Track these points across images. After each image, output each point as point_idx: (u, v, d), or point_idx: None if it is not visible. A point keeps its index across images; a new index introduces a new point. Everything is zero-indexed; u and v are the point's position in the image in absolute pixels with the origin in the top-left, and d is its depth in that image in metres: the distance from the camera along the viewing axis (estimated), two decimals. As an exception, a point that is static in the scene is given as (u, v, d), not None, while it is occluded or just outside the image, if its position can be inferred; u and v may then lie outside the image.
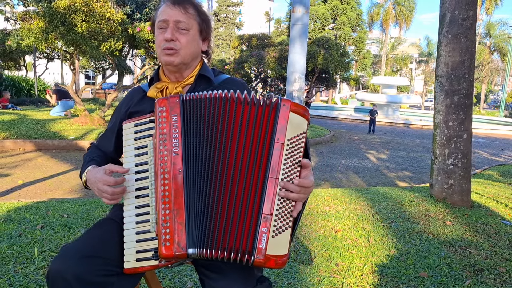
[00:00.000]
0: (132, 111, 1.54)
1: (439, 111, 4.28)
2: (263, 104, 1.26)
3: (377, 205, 4.10)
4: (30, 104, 14.11)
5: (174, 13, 1.41)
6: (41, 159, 7.45)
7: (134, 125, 1.43)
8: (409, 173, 8.45)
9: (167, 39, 1.40)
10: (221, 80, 1.55)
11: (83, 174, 1.45)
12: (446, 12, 4.19)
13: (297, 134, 1.26)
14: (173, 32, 1.41)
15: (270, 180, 1.22)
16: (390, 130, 18.27)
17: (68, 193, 5.42)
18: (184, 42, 1.43)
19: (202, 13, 1.48)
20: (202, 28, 1.49)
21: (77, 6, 8.81)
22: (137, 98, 1.57)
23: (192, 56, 1.48)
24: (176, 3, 1.43)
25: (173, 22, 1.41)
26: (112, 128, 1.61)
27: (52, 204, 4.01)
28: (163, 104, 1.32)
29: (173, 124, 1.30)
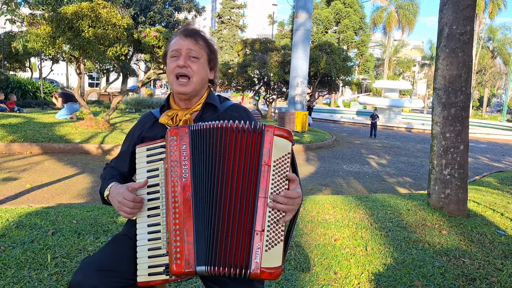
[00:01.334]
0: (145, 135, 1.69)
1: (436, 122, 4.40)
2: (251, 131, 1.41)
3: (376, 213, 4.22)
4: (36, 107, 14.29)
5: (186, 43, 1.58)
6: (47, 162, 7.61)
7: (146, 149, 1.57)
8: (409, 179, 8.55)
9: (180, 65, 1.56)
10: (226, 107, 1.70)
11: (105, 189, 1.58)
12: (444, 26, 4.32)
13: (282, 155, 1.41)
14: (185, 59, 1.57)
15: (260, 199, 1.37)
16: (392, 134, 18.37)
17: (75, 197, 5.56)
18: (195, 69, 1.59)
19: (210, 45, 1.65)
20: (211, 58, 1.66)
21: (84, 12, 8.98)
22: (149, 124, 1.72)
23: (202, 83, 1.64)
24: (188, 35, 1.60)
25: (185, 51, 1.57)
26: (126, 151, 1.76)
27: (61, 209, 4.15)
28: (174, 133, 1.46)
29: (183, 152, 1.44)
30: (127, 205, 1.46)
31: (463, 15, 4.18)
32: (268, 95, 19.38)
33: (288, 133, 1.42)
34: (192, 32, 1.61)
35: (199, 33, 1.63)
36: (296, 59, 13.71)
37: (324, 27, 33.32)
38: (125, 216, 1.50)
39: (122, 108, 14.41)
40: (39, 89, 15.05)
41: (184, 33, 1.60)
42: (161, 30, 9.98)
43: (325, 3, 34.06)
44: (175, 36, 1.63)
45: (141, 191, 1.52)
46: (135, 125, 1.78)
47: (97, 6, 9.22)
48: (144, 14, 18.44)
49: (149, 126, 1.70)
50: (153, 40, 9.67)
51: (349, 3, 33.21)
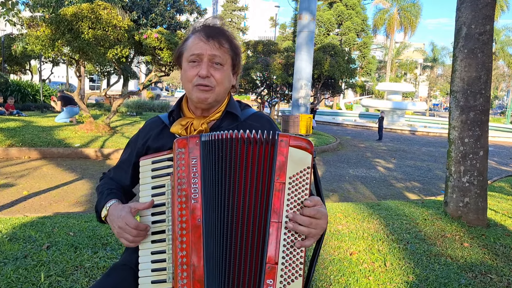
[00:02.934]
0: (150, 145, 1.46)
1: (454, 127, 4.17)
2: (263, 141, 1.19)
3: (391, 223, 3.99)
4: (35, 110, 14.08)
5: (209, 47, 1.33)
6: (46, 168, 7.39)
7: (151, 162, 1.35)
8: (417, 184, 8.33)
9: (202, 76, 1.32)
10: (247, 116, 1.47)
11: (103, 208, 1.35)
12: (462, 26, 4.09)
13: (300, 170, 1.17)
14: (208, 68, 1.33)
15: (272, 224, 1.13)
16: (396, 137, 18.13)
17: (73, 205, 5.34)
18: (219, 78, 1.34)
19: (235, 47, 1.40)
20: (235, 62, 1.41)
21: (84, 13, 8.77)
22: (156, 131, 1.48)
23: (225, 92, 1.41)
24: (211, 37, 1.33)
25: (208, 57, 1.33)
26: (128, 160, 1.52)
27: (58, 220, 3.92)
28: (182, 145, 1.23)
29: (193, 168, 1.21)
30: (129, 232, 1.23)
31: (482, 13, 3.96)
32: (270, 98, 19.16)
33: (307, 143, 1.18)
34: (216, 32, 1.35)
35: (224, 33, 1.37)
36: (299, 61, 13.49)
37: (326, 29, 33.13)
38: (126, 245, 1.27)
39: (123, 111, 14.20)
40: (38, 92, 14.84)
41: (207, 33, 1.34)
42: (162, 32, 9.77)
43: (327, 5, 33.89)
44: (194, 34, 1.36)
45: (145, 212, 1.30)
46: (139, 132, 1.54)
47: (97, 7, 9.01)
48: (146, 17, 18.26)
49: (156, 134, 1.47)
50: (155, 42, 9.45)
51: (351, 5, 33.03)
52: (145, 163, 1.37)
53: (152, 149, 1.44)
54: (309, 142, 1.19)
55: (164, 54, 9.52)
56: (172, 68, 10.65)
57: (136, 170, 1.40)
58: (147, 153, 1.44)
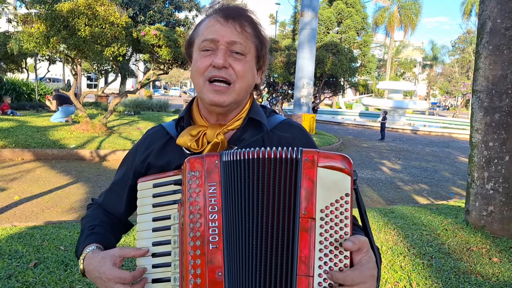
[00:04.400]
0: (152, 163, 1.13)
1: (477, 129, 3.87)
2: (283, 161, 0.88)
3: (410, 234, 3.69)
4: (30, 109, 13.72)
5: (228, 31, 1.02)
6: (39, 170, 7.06)
7: (153, 185, 1.03)
8: (425, 186, 8.06)
9: (217, 65, 1.00)
10: (274, 124, 1.15)
11: (80, 257, 1.03)
12: (486, 20, 3.79)
13: (336, 200, 0.86)
14: (225, 56, 1.01)
15: (299, 280, 0.82)
16: (398, 136, 17.85)
17: (67, 211, 5.03)
18: (240, 71, 1.02)
19: (261, 34, 1.08)
20: (260, 54, 1.09)
21: (80, 9, 8.44)
22: (159, 145, 1.15)
23: (246, 91, 1.08)
24: (231, 17, 1.03)
25: (225, 43, 1.01)
26: (122, 181, 1.19)
27: (48, 231, 3.61)
28: (196, 166, 0.91)
29: (211, 199, 0.89)
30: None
31: (509, 6, 3.66)
32: (271, 97, 18.83)
33: (343, 160, 0.87)
34: (237, 12, 1.05)
35: (246, 14, 1.06)
36: (301, 60, 13.18)
37: (326, 28, 32.78)
38: None
39: (121, 111, 13.85)
40: (34, 91, 14.49)
41: (225, 13, 1.04)
42: (161, 29, 9.45)
43: (327, 3, 33.51)
44: (209, 17, 1.07)
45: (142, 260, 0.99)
46: (137, 144, 1.21)
47: (94, 4, 8.68)
48: (144, 14, 17.89)
49: (159, 148, 1.14)
50: (153, 39, 9.13)
51: (351, 3, 32.65)
52: (145, 186, 1.05)
53: (155, 168, 1.12)
54: (345, 158, 0.87)
55: (163, 52, 9.20)
56: (171, 66, 10.32)
57: (133, 194, 1.09)
58: (147, 173, 1.13)
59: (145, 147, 1.18)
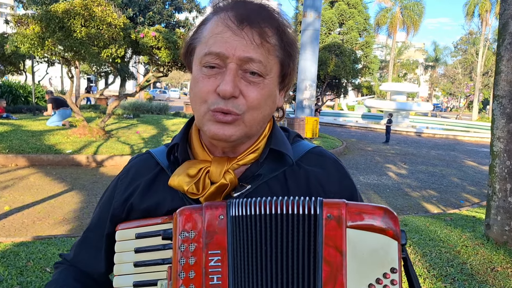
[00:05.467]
0: (136, 204, 0.84)
1: (499, 137, 3.59)
2: (296, 217, 0.66)
3: (428, 252, 3.40)
4: (27, 112, 13.44)
5: (242, 42, 0.72)
6: (33, 177, 6.78)
7: (135, 235, 0.77)
8: (434, 193, 7.79)
9: (223, 94, 0.71)
10: (300, 154, 0.85)
11: None
12: (508, 20, 3.51)
13: (378, 279, 0.60)
14: (235, 80, 0.72)
15: None
16: (402, 139, 17.56)
17: (59, 223, 4.75)
18: (253, 100, 0.74)
19: (289, 44, 0.78)
20: (286, 70, 0.79)
21: (76, 10, 8.17)
22: (146, 179, 0.86)
23: (262, 122, 0.79)
24: (247, 22, 0.72)
25: (237, 61, 0.72)
26: (98, 227, 0.90)
27: (35, 248, 3.33)
28: (191, 223, 0.65)
29: (212, 276, 0.62)
30: None
31: (535, 5, 3.37)
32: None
33: (385, 216, 0.62)
34: (256, 13, 0.74)
35: (270, 14, 0.76)
36: (304, 61, 12.91)
37: (327, 28, 32.53)
38: None
39: (119, 114, 13.58)
40: (31, 94, 14.24)
41: (239, 13, 0.73)
42: (160, 30, 9.18)
43: (328, 4, 33.24)
44: (217, 15, 0.76)
45: None
46: (117, 178, 0.92)
47: (90, 4, 8.41)
48: (143, 15, 17.64)
49: (146, 185, 0.86)
50: (152, 41, 8.85)
51: (353, 4, 32.38)
52: (125, 236, 0.78)
53: (139, 212, 0.84)
54: (387, 212, 0.62)
55: (162, 54, 8.93)
56: (171, 68, 10.05)
57: (112, 244, 0.81)
58: (129, 217, 0.85)
59: (127, 182, 0.88)
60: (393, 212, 0.63)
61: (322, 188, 0.81)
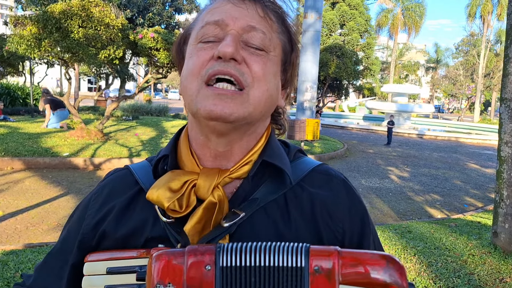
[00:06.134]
0: (109, 230, 0.70)
1: (506, 142, 3.45)
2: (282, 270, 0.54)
3: (434, 261, 3.26)
4: (25, 114, 13.32)
5: (244, 13, 0.63)
6: (29, 181, 6.66)
7: (106, 270, 0.64)
8: (437, 197, 7.66)
9: (223, 55, 0.59)
10: (303, 174, 0.71)
11: None
12: (517, 20, 3.38)
13: None
14: (237, 44, 0.61)
15: None
16: (404, 141, 17.42)
17: (53, 229, 4.62)
18: (259, 70, 0.62)
19: (292, 31, 0.69)
20: (288, 59, 0.69)
21: (74, 10, 8.06)
22: (122, 201, 0.72)
23: (266, 106, 0.65)
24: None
25: (239, 29, 0.63)
26: (62, 253, 0.75)
27: (26, 257, 3.21)
28: (167, 272, 0.52)
29: None
30: None
31: (544, 5, 3.24)
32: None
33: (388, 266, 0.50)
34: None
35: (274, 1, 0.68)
36: (305, 62, 12.78)
37: (328, 30, 32.42)
38: None
39: (118, 116, 13.45)
40: (29, 95, 14.13)
41: None
42: (159, 31, 9.06)
43: (329, 5, 33.14)
44: (215, 1, 0.68)
45: None
46: (89, 197, 0.77)
47: (88, 4, 8.30)
48: (143, 16, 17.54)
49: (122, 207, 0.71)
50: (151, 42, 8.74)
51: (354, 5, 32.26)
52: (94, 270, 0.66)
53: (112, 240, 0.69)
54: (391, 262, 0.50)
55: (161, 55, 8.81)
56: (170, 70, 9.94)
57: (78, 276, 0.68)
58: (100, 245, 0.71)
59: (100, 203, 0.73)
60: (398, 261, 0.50)
61: (329, 214, 0.68)
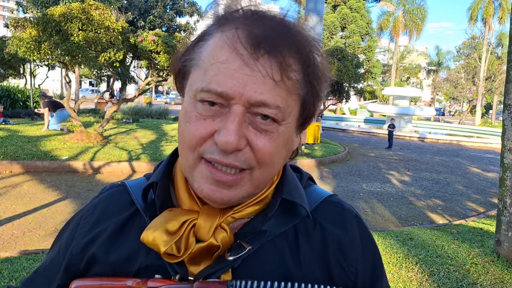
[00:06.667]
0: (99, 255, 0.64)
1: (510, 149, 3.40)
2: None
3: (436, 271, 3.20)
4: (25, 117, 13.30)
5: (253, 79, 0.52)
6: (27, 185, 6.61)
7: None
8: (439, 201, 7.59)
9: (224, 148, 0.52)
10: (315, 204, 0.66)
11: None
12: (520, 25, 3.33)
13: None
14: (240, 128, 0.53)
15: None
16: (405, 144, 17.35)
17: (50, 234, 4.57)
18: (264, 153, 0.55)
19: (315, 75, 0.57)
20: (308, 111, 0.60)
21: (74, 13, 8.03)
22: (115, 222, 0.66)
23: (274, 173, 0.59)
24: (265, 48, 0.52)
25: (246, 103, 0.53)
26: (48, 272, 0.70)
27: (20, 265, 3.15)
28: None
29: None
30: None
31: (548, 9, 3.19)
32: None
33: None
34: (276, 35, 0.53)
35: (296, 37, 0.54)
36: (305, 66, 12.74)
37: (329, 33, 32.42)
38: None
39: (119, 118, 13.42)
40: (29, 98, 14.11)
41: (253, 37, 0.52)
42: (159, 34, 9.03)
43: (330, 8, 33.17)
44: (220, 31, 0.55)
45: None
46: (80, 215, 0.71)
47: (88, 7, 8.28)
48: (144, 19, 17.52)
49: (114, 230, 0.65)
50: (151, 45, 8.71)
51: (356, 8, 32.29)
52: None
53: (102, 266, 0.64)
54: None
55: (161, 58, 8.77)
56: (170, 73, 9.89)
57: None
58: (89, 270, 0.65)
59: (91, 222, 0.68)
60: None
61: (343, 254, 0.63)
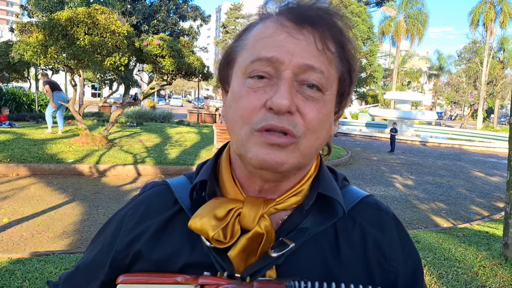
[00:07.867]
0: (144, 251, 0.67)
1: (517, 152, 3.43)
2: None
3: (444, 273, 3.23)
4: (30, 120, 13.37)
5: (300, 46, 0.57)
6: (34, 187, 6.66)
7: None
8: (442, 205, 7.62)
9: (278, 108, 0.55)
10: (352, 204, 0.68)
11: None
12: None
13: None
14: (292, 91, 0.56)
15: None
16: (407, 148, 17.38)
17: (59, 236, 4.61)
18: (312, 119, 0.58)
19: (351, 54, 0.62)
20: (345, 90, 0.64)
21: (80, 18, 8.11)
22: (160, 220, 0.68)
23: (316, 152, 0.63)
24: (308, 22, 0.57)
25: (295, 68, 0.56)
26: (91, 269, 0.72)
27: (32, 266, 3.19)
28: None
29: None
30: None
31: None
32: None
33: None
34: (319, 13, 0.59)
35: (334, 15, 0.60)
36: (309, 70, 12.80)
37: (331, 37, 32.56)
38: None
39: (123, 122, 13.47)
40: (34, 101, 14.19)
41: (297, 12, 0.58)
42: (164, 38, 9.10)
43: (332, 13, 33.35)
44: (264, 20, 0.61)
45: None
46: (124, 212, 0.73)
47: (94, 12, 8.35)
48: (147, 23, 17.64)
49: (159, 227, 0.68)
50: (156, 49, 8.78)
51: (357, 13, 32.43)
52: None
53: (147, 262, 0.66)
54: None
55: (166, 62, 8.84)
56: (175, 77, 9.96)
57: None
58: (133, 266, 0.67)
59: (135, 220, 0.70)
60: None
61: (383, 254, 0.65)
